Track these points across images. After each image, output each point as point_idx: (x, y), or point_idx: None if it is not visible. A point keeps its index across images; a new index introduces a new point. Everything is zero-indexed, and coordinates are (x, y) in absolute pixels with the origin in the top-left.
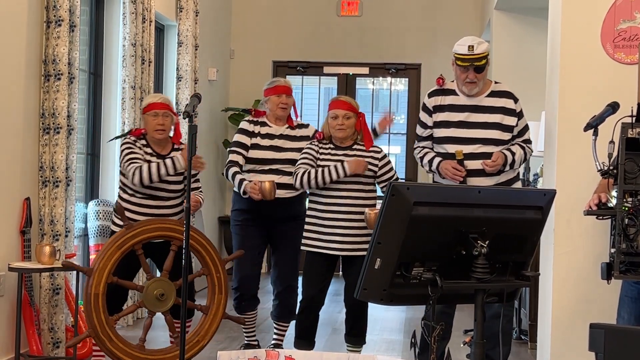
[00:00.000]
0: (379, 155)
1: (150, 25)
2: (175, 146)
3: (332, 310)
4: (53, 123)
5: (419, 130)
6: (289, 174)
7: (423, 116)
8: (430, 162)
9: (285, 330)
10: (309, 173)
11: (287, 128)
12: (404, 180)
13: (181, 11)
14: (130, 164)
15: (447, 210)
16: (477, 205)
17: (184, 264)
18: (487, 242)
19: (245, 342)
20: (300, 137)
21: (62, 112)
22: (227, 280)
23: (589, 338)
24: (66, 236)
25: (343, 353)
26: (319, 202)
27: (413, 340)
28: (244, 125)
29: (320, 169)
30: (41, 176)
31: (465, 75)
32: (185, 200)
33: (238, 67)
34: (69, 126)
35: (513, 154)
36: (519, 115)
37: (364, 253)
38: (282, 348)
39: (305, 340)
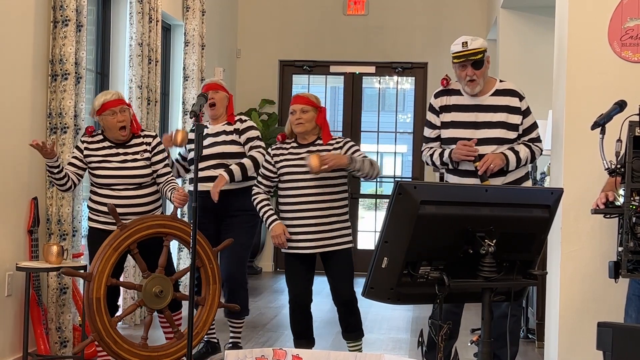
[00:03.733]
0: (341, 144)
1: (156, 25)
2: (135, 135)
3: (335, 309)
4: (60, 123)
5: (427, 132)
6: (221, 165)
7: (430, 117)
8: (441, 154)
9: (240, 327)
10: (262, 203)
11: (224, 125)
12: (410, 180)
13: (187, 11)
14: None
15: (454, 209)
16: (484, 204)
17: (191, 262)
18: (494, 241)
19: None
20: (231, 132)
21: (69, 112)
22: (220, 270)
23: (597, 337)
24: (73, 235)
25: (350, 352)
26: (286, 203)
27: (420, 339)
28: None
29: (267, 207)
30: (48, 176)
31: (464, 73)
32: (168, 195)
33: (244, 66)
34: (76, 126)
35: (516, 152)
36: (525, 113)
37: (340, 247)
38: (241, 347)
39: (303, 339)
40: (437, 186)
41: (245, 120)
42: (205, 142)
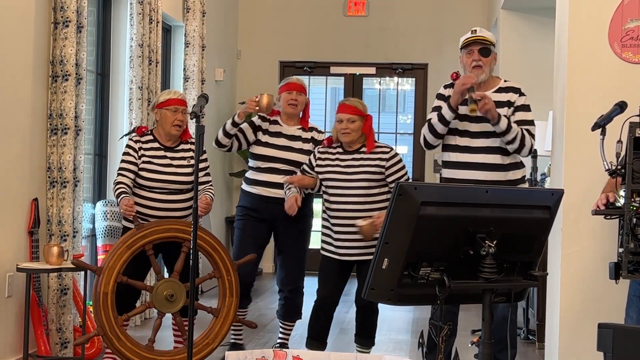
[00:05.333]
0: (387, 156)
1: (157, 26)
2: (183, 141)
3: (340, 310)
4: (61, 124)
5: (431, 115)
6: (290, 173)
7: (438, 103)
8: (439, 109)
9: (291, 330)
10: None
11: (298, 129)
12: (410, 181)
13: (188, 12)
14: (118, 175)
15: (455, 210)
16: (485, 205)
17: (191, 264)
18: (494, 242)
19: (232, 340)
20: (308, 139)
21: (70, 113)
22: (239, 283)
23: (597, 338)
24: (74, 237)
25: (351, 353)
26: (329, 208)
27: (421, 340)
28: (255, 119)
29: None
30: (49, 177)
31: (470, 59)
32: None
33: (245, 67)
34: (77, 127)
35: (509, 120)
36: (518, 108)
37: None
38: (288, 348)
39: (317, 340)
40: (438, 187)
41: (322, 132)
42: (279, 142)
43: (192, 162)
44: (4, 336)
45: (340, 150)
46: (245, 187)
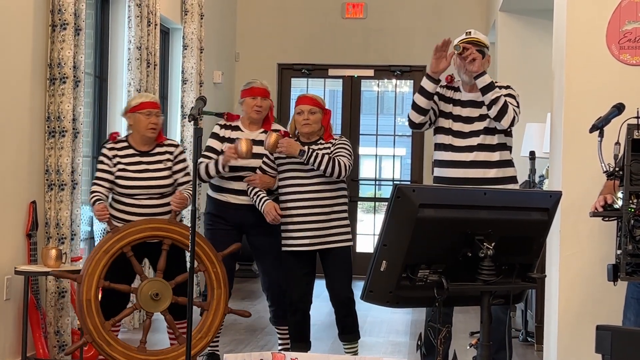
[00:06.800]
0: (336, 142)
1: (155, 28)
2: (158, 143)
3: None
4: (58, 126)
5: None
6: None
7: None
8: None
9: (288, 333)
10: (256, 189)
11: (261, 133)
12: (409, 183)
13: (186, 14)
14: (93, 184)
15: (453, 212)
16: (483, 207)
17: (189, 267)
18: (493, 244)
19: (209, 351)
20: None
21: (68, 116)
22: (225, 273)
23: (596, 340)
24: (72, 239)
25: (349, 356)
26: (286, 200)
27: (419, 343)
28: (215, 129)
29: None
30: (47, 179)
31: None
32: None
33: (243, 69)
34: (75, 129)
35: (493, 82)
36: (504, 92)
37: (338, 245)
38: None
39: (300, 342)
40: (436, 189)
41: (286, 132)
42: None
43: (168, 165)
44: (2, 339)
45: (298, 142)
46: (211, 193)
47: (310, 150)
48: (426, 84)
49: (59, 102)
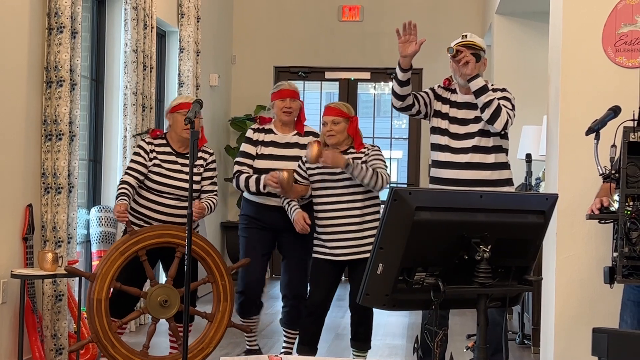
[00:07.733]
0: (368, 151)
1: (151, 31)
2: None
3: (335, 315)
4: (55, 129)
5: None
6: None
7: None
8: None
9: (295, 338)
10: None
11: (294, 135)
12: (405, 186)
13: (182, 17)
14: (124, 174)
15: (449, 215)
16: (479, 210)
17: (186, 270)
18: (489, 247)
19: (247, 347)
20: (306, 145)
21: (64, 119)
22: (233, 287)
23: (592, 342)
24: (68, 243)
25: (347, 359)
26: (319, 210)
27: (416, 346)
28: (248, 133)
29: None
30: (43, 183)
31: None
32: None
33: (240, 72)
34: (71, 133)
35: (487, 83)
36: (499, 95)
37: (368, 255)
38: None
39: (308, 346)
40: (433, 192)
41: (319, 135)
42: (273, 152)
43: (200, 170)
44: None
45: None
46: (247, 195)
47: (355, 162)
48: (397, 71)
49: (56, 105)
